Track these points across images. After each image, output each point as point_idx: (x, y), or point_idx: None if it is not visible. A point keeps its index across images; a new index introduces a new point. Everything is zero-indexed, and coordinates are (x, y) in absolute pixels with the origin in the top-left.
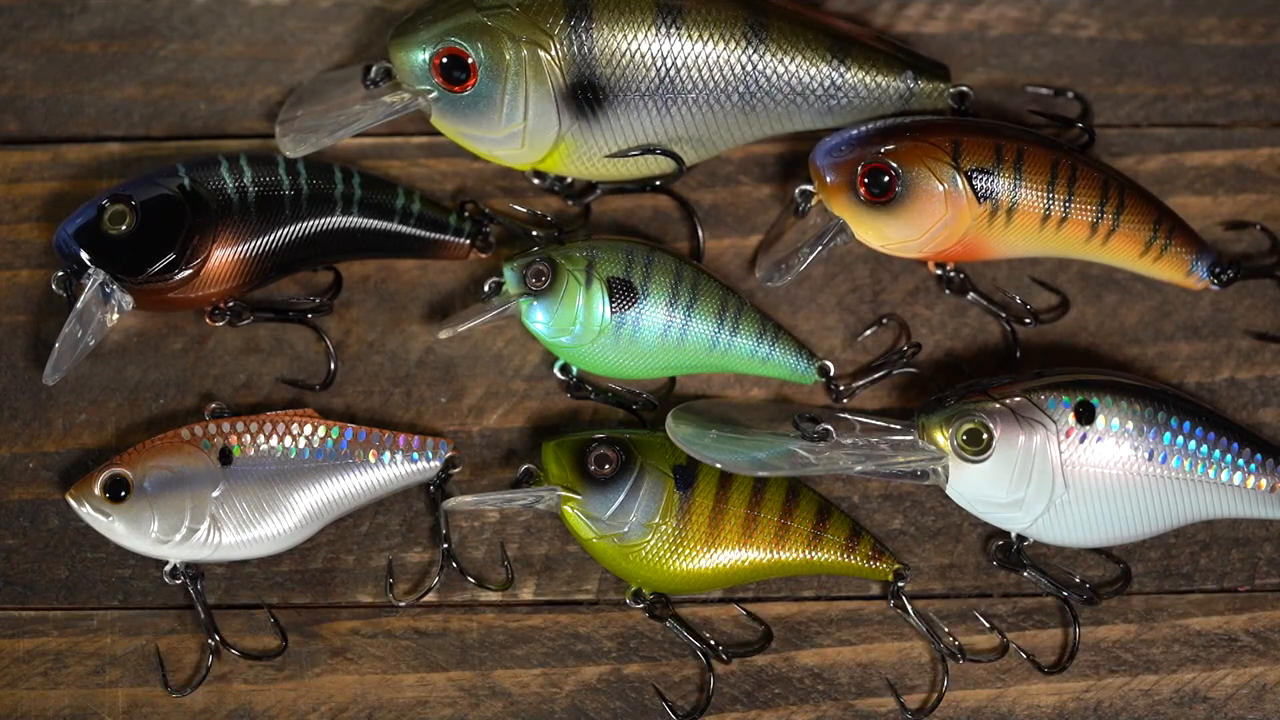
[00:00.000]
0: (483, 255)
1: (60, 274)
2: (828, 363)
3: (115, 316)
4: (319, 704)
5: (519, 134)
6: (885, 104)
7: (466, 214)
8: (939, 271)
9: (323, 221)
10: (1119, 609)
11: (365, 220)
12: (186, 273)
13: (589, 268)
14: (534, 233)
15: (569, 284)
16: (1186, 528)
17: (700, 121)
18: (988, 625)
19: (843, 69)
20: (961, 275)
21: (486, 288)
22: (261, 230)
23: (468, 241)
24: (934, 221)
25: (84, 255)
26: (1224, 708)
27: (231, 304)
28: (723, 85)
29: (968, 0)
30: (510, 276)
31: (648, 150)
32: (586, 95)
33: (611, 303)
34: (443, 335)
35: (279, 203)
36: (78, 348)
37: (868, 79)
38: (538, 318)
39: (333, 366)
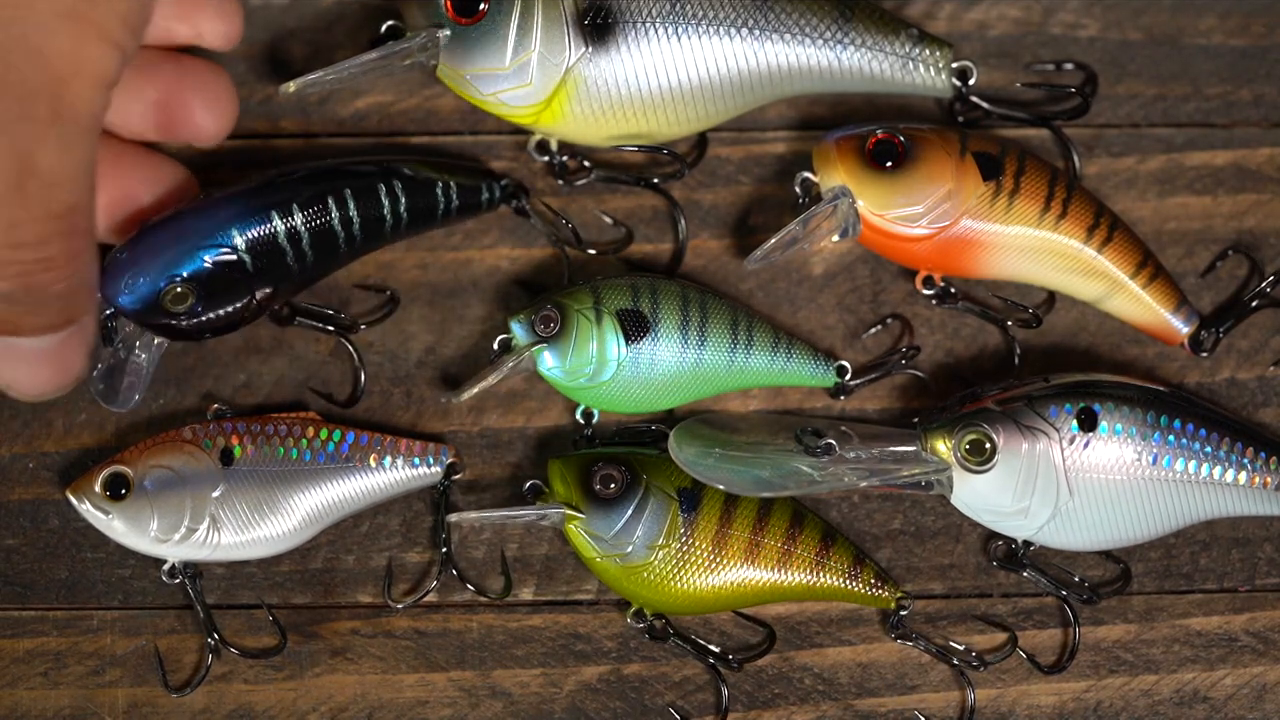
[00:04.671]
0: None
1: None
2: (844, 362)
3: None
4: (319, 704)
5: (528, 65)
6: (889, 59)
7: (505, 186)
8: (928, 291)
9: (375, 244)
10: (1119, 609)
11: (414, 227)
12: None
13: (596, 304)
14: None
15: (579, 324)
16: (1186, 528)
17: (708, 56)
18: (990, 625)
19: (850, 14)
20: (952, 288)
21: (495, 347)
22: (316, 267)
23: (504, 205)
24: (939, 189)
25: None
26: (1224, 708)
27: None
28: (732, 16)
29: (968, 0)
30: (518, 329)
31: (650, 149)
32: (596, 19)
33: (625, 335)
34: (458, 399)
35: (333, 246)
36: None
37: (874, 28)
38: (552, 364)
39: (362, 379)
